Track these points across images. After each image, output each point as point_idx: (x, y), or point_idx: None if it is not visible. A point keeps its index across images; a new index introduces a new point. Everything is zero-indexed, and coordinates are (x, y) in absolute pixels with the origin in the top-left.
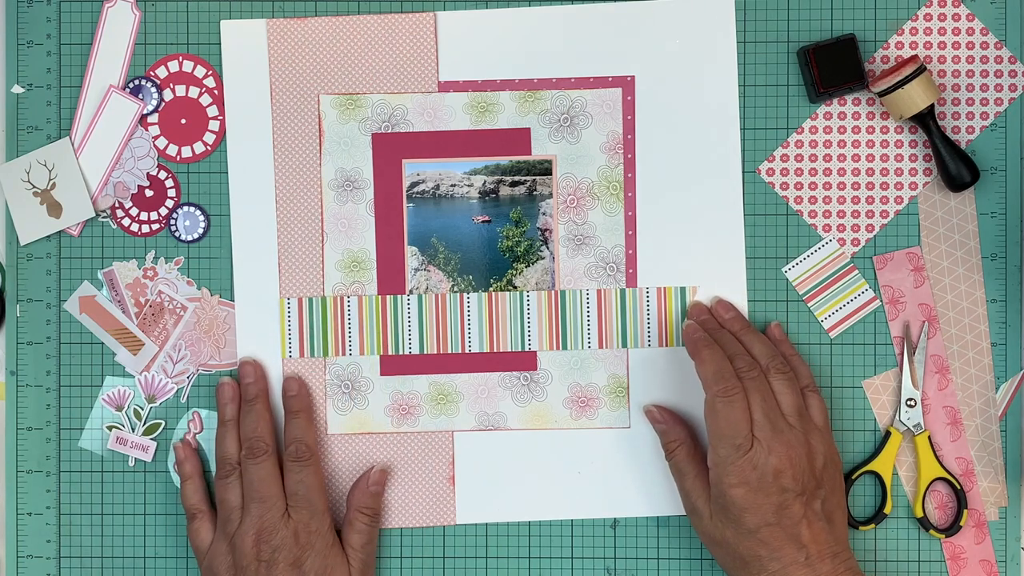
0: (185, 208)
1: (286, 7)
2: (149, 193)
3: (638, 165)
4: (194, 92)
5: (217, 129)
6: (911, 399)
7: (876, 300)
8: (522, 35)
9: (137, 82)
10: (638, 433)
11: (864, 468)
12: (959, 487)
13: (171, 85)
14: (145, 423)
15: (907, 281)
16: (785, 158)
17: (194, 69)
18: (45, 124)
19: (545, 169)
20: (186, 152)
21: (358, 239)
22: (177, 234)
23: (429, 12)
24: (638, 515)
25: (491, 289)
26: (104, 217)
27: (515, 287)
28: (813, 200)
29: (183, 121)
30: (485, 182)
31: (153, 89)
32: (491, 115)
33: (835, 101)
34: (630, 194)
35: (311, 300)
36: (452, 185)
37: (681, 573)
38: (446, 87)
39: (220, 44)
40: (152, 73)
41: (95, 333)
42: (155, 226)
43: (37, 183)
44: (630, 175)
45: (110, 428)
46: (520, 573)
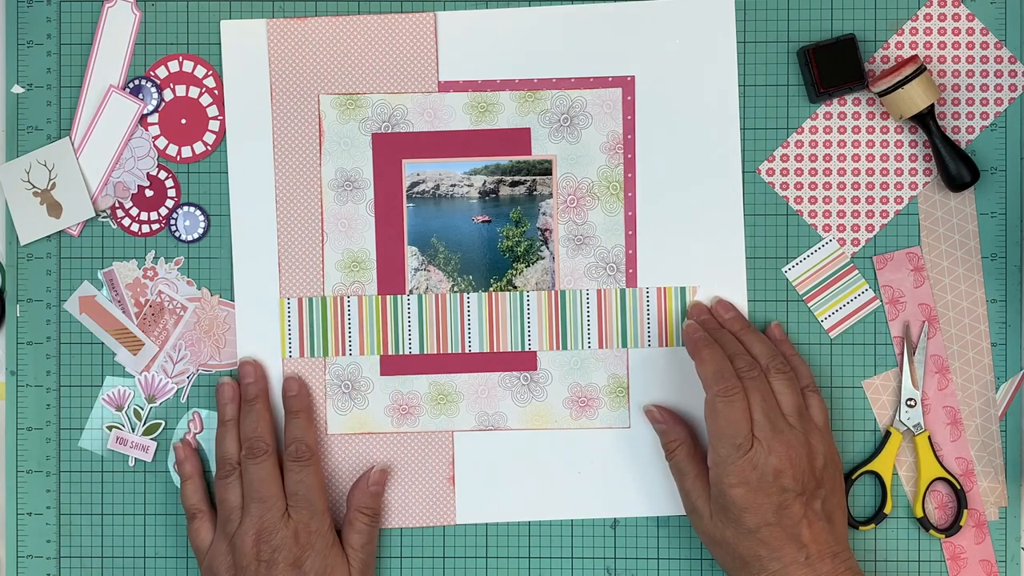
0: (185, 208)
1: (286, 7)
2: (149, 193)
3: (638, 165)
4: (194, 92)
5: (217, 129)
6: (911, 399)
7: (876, 300)
8: (522, 35)
9: (137, 82)
10: (638, 433)
11: (864, 468)
12: (959, 487)
13: (171, 85)
14: (145, 423)
15: (907, 281)
16: (785, 158)
17: (194, 69)
18: (45, 124)
19: (545, 169)
20: (186, 152)
21: (358, 239)
22: (177, 234)
23: (429, 12)
24: (638, 515)
25: (491, 289)
26: (104, 217)
27: (515, 287)
28: (813, 200)
29: (183, 121)
30: (485, 182)
31: (153, 89)
32: (491, 115)
33: (835, 101)
34: (630, 194)
35: (311, 300)
36: (452, 185)
37: (681, 573)
38: (446, 87)
39: (220, 44)
40: (152, 73)
41: (95, 333)
42: (155, 226)
43: (37, 183)
44: (630, 175)
45: (110, 428)
46: (520, 573)
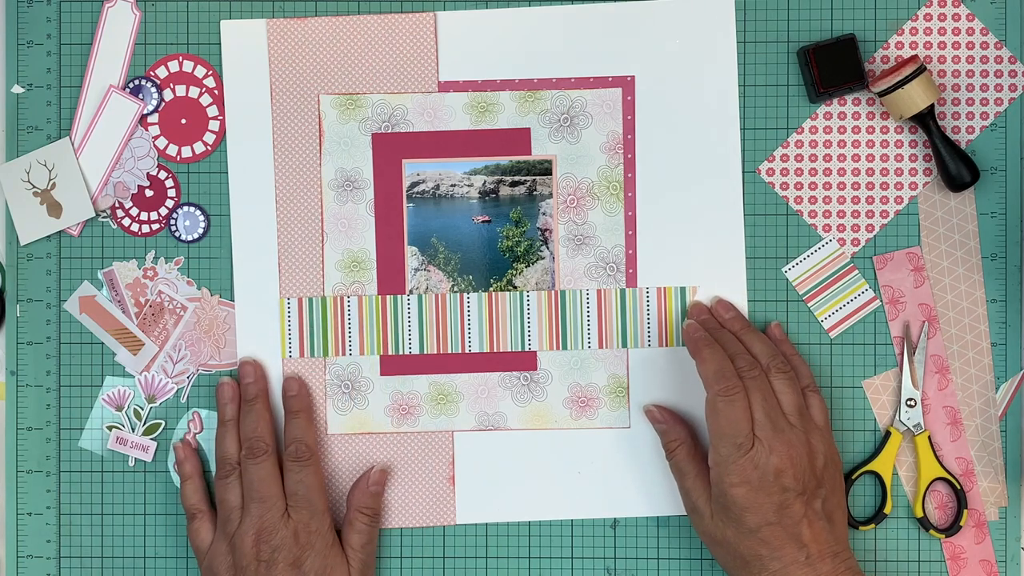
0: (185, 208)
1: (286, 7)
2: (149, 193)
3: (638, 165)
4: (194, 92)
5: (217, 129)
6: (911, 399)
7: (876, 300)
8: (522, 35)
9: (137, 82)
10: (638, 433)
11: (864, 468)
12: (959, 487)
13: (171, 85)
14: (145, 423)
15: (907, 281)
16: (785, 158)
17: (194, 69)
18: (45, 124)
19: (545, 169)
20: (186, 152)
21: (358, 239)
22: (177, 234)
23: (429, 12)
24: (638, 515)
25: (491, 289)
26: (104, 217)
27: (515, 287)
28: (813, 200)
29: (183, 121)
30: (485, 182)
31: (153, 89)
32: (491, 115)
33: (835, 101)
34: (630, 194)
35: (311, 300)
36: (452, 185)
37: (681, 573)
38: (446, 87)
39: (220, 44)
40: (152, 73)
41: (95, 333)
42: (155, 226)
43: (37, 183)
44: (630, 175)
45: (110, 428)
46: (520, 573)
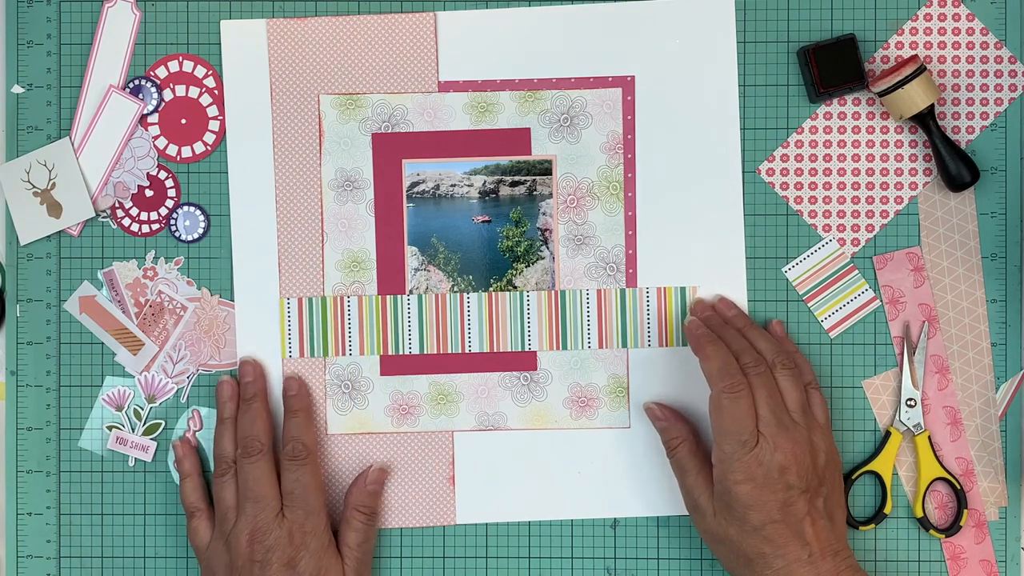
0: (185, 208)
1: (286, 7)
2: (149, 193)
3: (638, 165)
4: (194, 92)
5: (217, 129)
6: (911, 399)
7: (876, 300)
8: (522, 35)
9: (137, 82)
10: (638, 433)
11: (864, 468)
12: (959, 487)
13: (171, 85)
14: (145, 423)
15: (907, 281)
16: (785, 158)
17: (194, 69)
18: (45, 124)
19: (545, 169)
20: (186, 152)
21: (358, 239)
22: (177, 234)
23: (429, 12)
24: (638, 515)
25: (491, 289)
26: (104, 217)
27: (515, 287)
28: (813, 200)
29: (183, 121)
30: (485, 182)
31: (153, 89)
32: (491, 115)
33: (835, 101)
34: (630, 194)
35: (311, 300)
36: (452, 185)
37: (681, 573)
38: (446, 87)
39: (220, 44)
40: (152, 73)
41: (95, 333)
42: (155, 226)
43: (37, 183)
44: (630, 175)
45: (110, 428)
46: (520, 573)
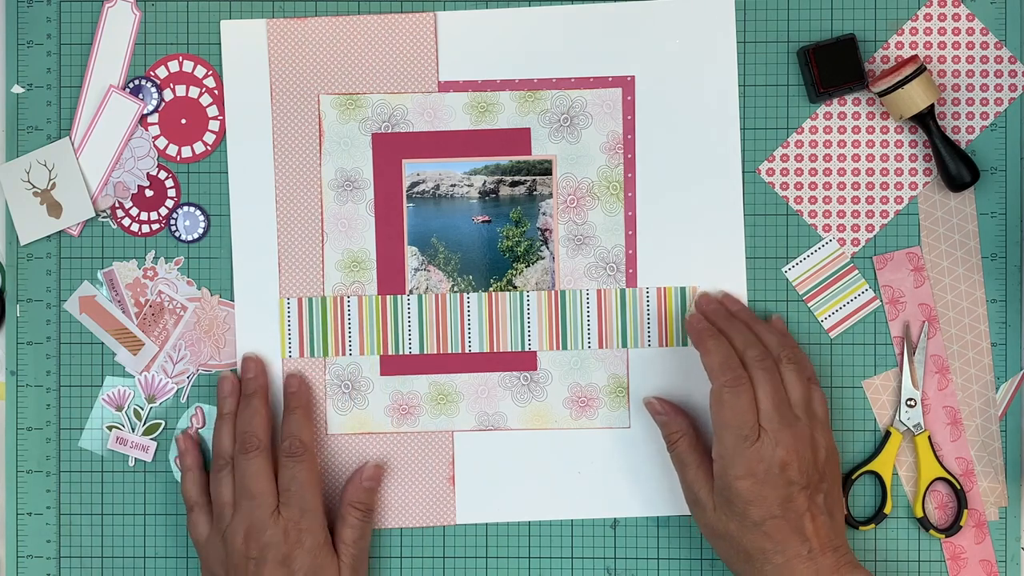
0: (185, 208)
1: (286, 7)
2: (149, 193)
3: (638, 165)
4: (194, 92)
5: (217, 129)
6: (911, 399)
7: (876, 300)
8: (522, 35)
9: (137, 82)
10: (638, 433)
11: (864, 468)
12: (959, 487)
13: (171, 85)
14: (145, 423)
15: (907, 281)
16: (785, 158)
17: (194, 69)
18: (45, 124)
19: (545, 169)
20: (186, 152)
21: (358, 239)
22: (177, 234)
23: (429, 12)
24: (638, 515)
25: (491, 289)
26: (104, 217)
27: (515, 287)
28: (813, 200)
29: (183, 121)
30: (485, 182)
31: (153, 89)
32: (491, 115)
33: (835, 101)
34: (630, 194)
35: (311, 300)
36: (452, 185)
37: (681, 573)
38: (446, 87)
39: (220, 44)
40: (152, 73)
41: (95, 333)
42: (155, 226)
43: (37, 183)
44: (630, 175)
45: (110, 428)
46: (520, 573)
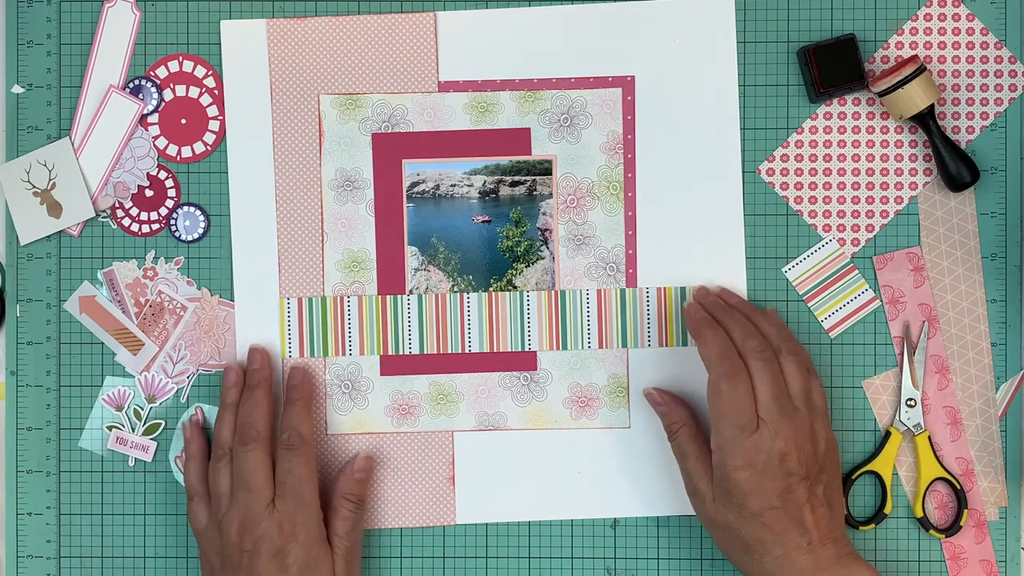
0: (185, 208)
1: (286, 7)
2: (149, 193)
3: (638, 165)
4: (194, 92)
5: (217, 129)
6: (911, 399)
7: (876, 300)
8: (522, 35)
9: (137, 82)
10: (638, 433)
11: (864, 468)
12: (959, 487)
13: (171, 85)
14: (145, 423)
15: (907, 281)
16: (785, 158)
17: (194, 69)
18: (45, 124)
19: (545, 169)
20: (186, 152)
21: (358, 239)
22: (177, 234)
23: (429, 12)
24: (638, 515)
25: (491, 289)
26: (104, 217)
27: (515, 287)
28: (813, 200)
29: (183, 121)
30: (485, 182)
31: (153, 89)
32: (491, 115)
33: (835, 101)
34: (630, 194)
35: (311, 300)
36: (452, 185)
37: (681, 573)
38: (446, 87)
39: (220, 44)
40: (152, 73)
41: (95, 333)
42: (155, 226)
43: (37, 183)
44: (630, 175)
45: (110, 428)
46: (520, 573)
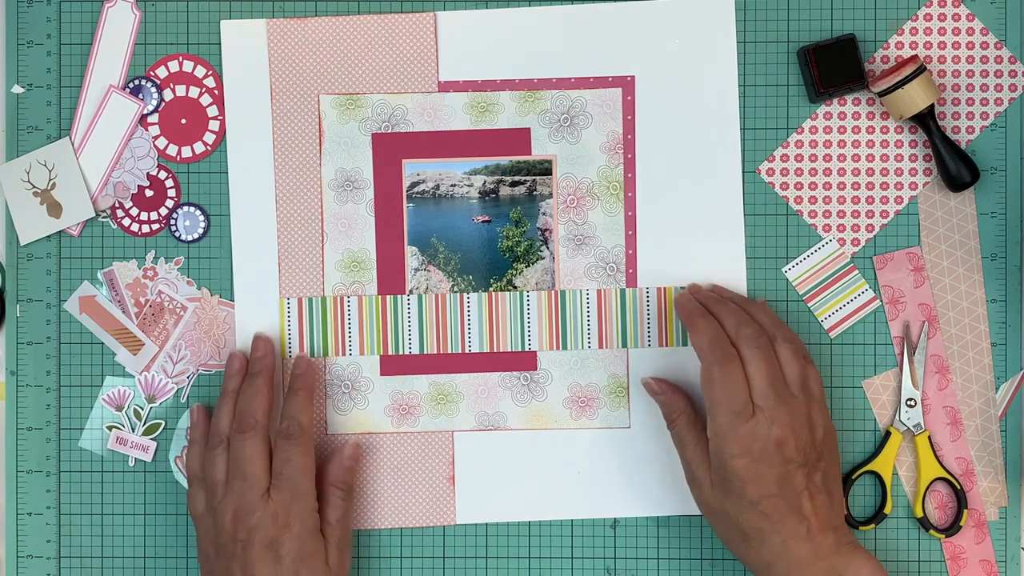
0: (185, 208)
1: (286, 7)
2: (149, 193)
3: (638, 165)
4: (194, 92)
5: (217, 129)
6: (911, 399)
7: (876, 300)
8: (522, 35)
9: (137, 82)
10: (638, 433)
11: (864, 468)
12: (959, 487)
13: (171, 85)
14: (145, 423)
15: (907, 281)
16: (785, 158)
17: (194, 69)
18: (45, 124)
19: (545, 169)
20: (186, 152)
21: (358, 239)
22: (177, 234)
23: (429, 12)
24: (638, 515)
25: (491, 289)
26: (104, 217)
27: (515, 287)
28: (813, 200)
29: (183, 121)
30: (485, 182)
31: (153, 89)
32: (491, 115)
33: (835, 101)
34: (630, 194)
35: (311, 300)
36: (452, 185)
37: (681, 573)
38: (446, 87)
39: (220, 44)
40: (152, 73)
41: (95, 333)
42: (155, 226)
43: (37, 183)
44: (630, 175)
45: (110, 428)
46: (520, 573)
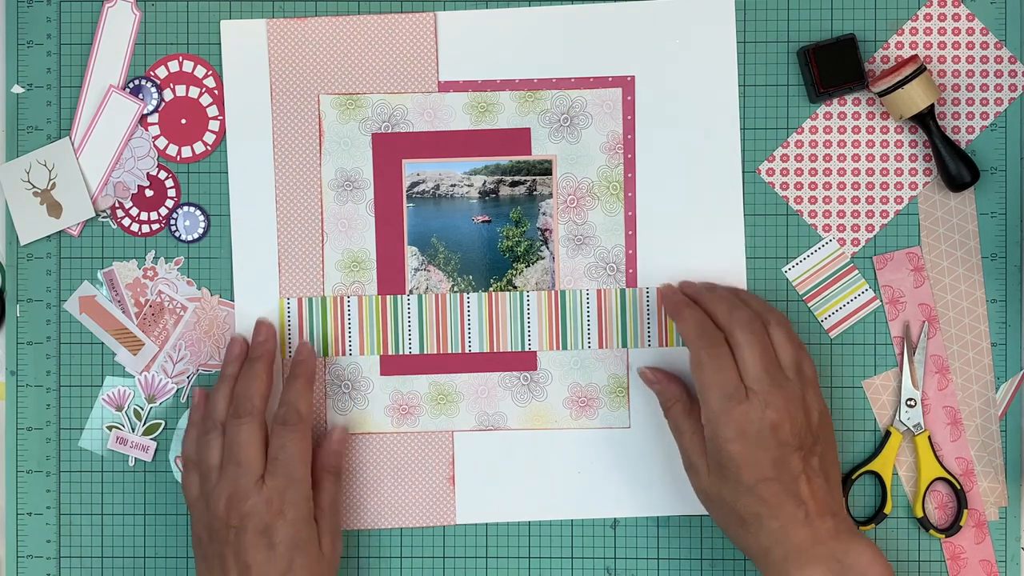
0: (185, 208)
1: (286, 7)
2: (149, 193)
3: (638, 165)
4: (194, 92)
5: (217, 129)
6: (911, 399)
7: (876, 300)
8: (522, 35)
9: (137, 82)
10: (638, 433)
11: (864, 468)
12: (959, 487)
13: (171, 85)
14: (145, 423)
15: (907, 281)
16: (785, 158)
17: (194, 69)
18: (45, 124)
19: (545, 169)
20: (186, 152)
21: (358, 239)
22: (177, 234)
23: (429, 12)
24: (638, 515)
25: (491, 289)
26: (104, 217)
27: (515, 287)
28: (813, 200)
29: (183, 121)
30: (485, 182)
31: (153, 89)
32: (491, 115)
33: (835, 101)
34: (630, 194)
35: (311, 300)
36: (452, 185)
37: (681, 573)
38: (446, 87)
39: (220, 44)
40: (152, 73)
41: (95, 333)
42: (155, 226)
43: (37, 183)
44: (630, 175)
45: (110, 428)
46: (520, 573)
